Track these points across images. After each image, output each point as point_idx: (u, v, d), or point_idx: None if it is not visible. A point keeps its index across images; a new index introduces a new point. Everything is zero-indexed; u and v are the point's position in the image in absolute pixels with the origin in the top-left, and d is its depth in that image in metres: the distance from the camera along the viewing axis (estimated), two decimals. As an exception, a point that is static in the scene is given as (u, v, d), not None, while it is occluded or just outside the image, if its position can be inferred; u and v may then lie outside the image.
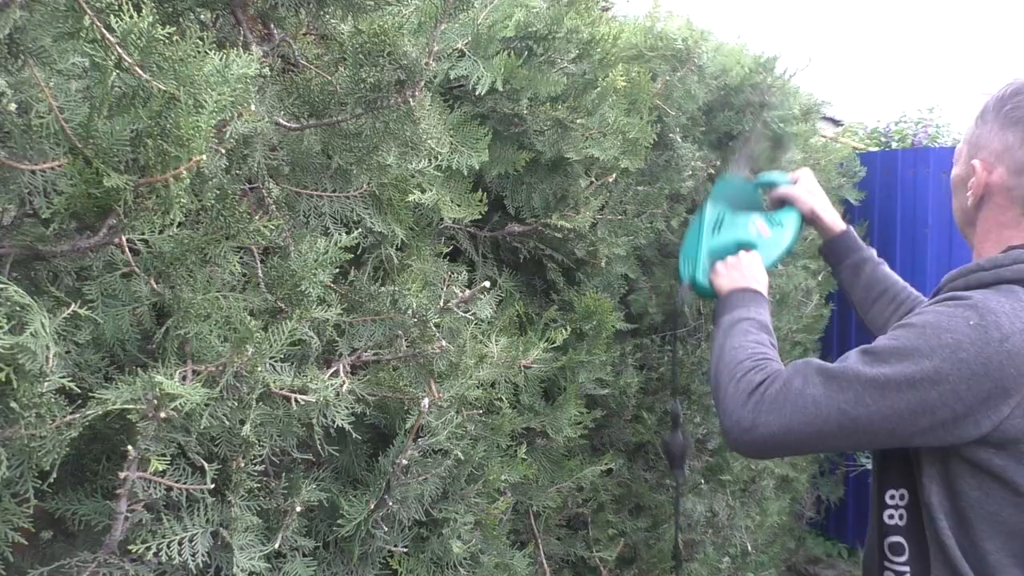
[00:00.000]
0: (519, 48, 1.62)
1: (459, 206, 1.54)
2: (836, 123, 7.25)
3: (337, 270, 1.39)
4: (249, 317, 1.03)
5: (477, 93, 1.47)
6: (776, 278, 3.58)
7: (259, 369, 1.06)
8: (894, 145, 6.61)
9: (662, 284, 2.18)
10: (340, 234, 1.39)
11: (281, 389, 1.14)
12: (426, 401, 1.29)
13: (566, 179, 1.85)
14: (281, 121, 1.31)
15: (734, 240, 1.82)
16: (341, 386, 1.20)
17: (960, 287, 1.23)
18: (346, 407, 1.23)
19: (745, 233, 1.82)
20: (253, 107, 1.01)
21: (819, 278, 4.17)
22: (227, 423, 1.02)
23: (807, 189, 1.85)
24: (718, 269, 1.71)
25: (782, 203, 1.87)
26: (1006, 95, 1.25)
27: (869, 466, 4.30)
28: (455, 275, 1.46)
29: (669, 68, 2.09)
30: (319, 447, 1.20)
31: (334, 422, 1.20)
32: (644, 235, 1.99)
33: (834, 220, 1.83)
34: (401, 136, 1.35)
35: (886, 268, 1.79)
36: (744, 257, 1.71)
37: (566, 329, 1.65)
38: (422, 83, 1.29)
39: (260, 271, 1.20)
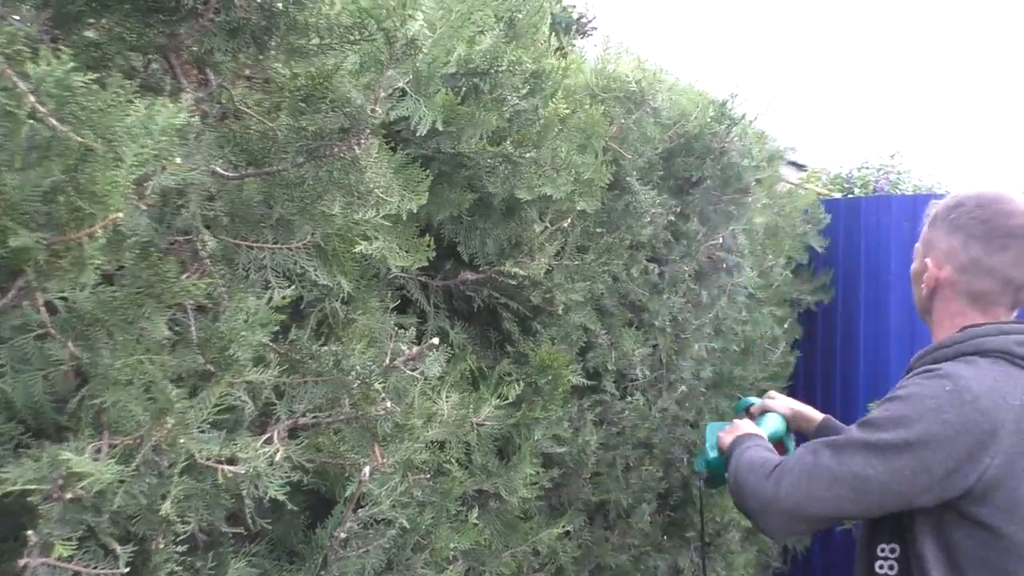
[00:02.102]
0: (464, 85, 1.60)
1: (407, 252, 1.50)
2: (800, 167, 7.40)
3: (277, 327, 1.35)
4: (170, 384, 0.98)
5: (418, 134, 1.44)
6: (741, 325, 3.59)
7: (181, 441, 1.00)
8: (856, 191, 6.74)
9: (622, 339, 2.16)
10: (277, 289, 1.35)
11: (208, 459, 1.08)
12: (367, 469, 1.24)
13: (520, 224, 1.82)
14: (219, 170, 1.27)
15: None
16: (274, 454, 1.14)
17: (929, 362, 1.44)
18: (281, 476, 1.18)
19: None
20: (179, 160, 0.96)
21: (785, 325, 4.19)
22: (144, 500, 0.96)
23: (775, 400, 1.98)
24: (721, 438, 1.80)
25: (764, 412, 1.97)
26: (951, 205, 1.49)
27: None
28: (402, 331, 1.41)
29: (623, 111, 2.08)
30: (250, 520, 1.13)
31: (266, 493, 1.14)
32: (601, 280, 1.96)
33: (811, 413, 1.94)
34: (346, 185, 1.31)
35: None
36: (739, 422, 1.82)
37: (519, 384, 1.61)
38: (367, 130, 1.26)
39: (193, 331, 1.15)
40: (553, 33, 2.26)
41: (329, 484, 1.33)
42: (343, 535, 1.22)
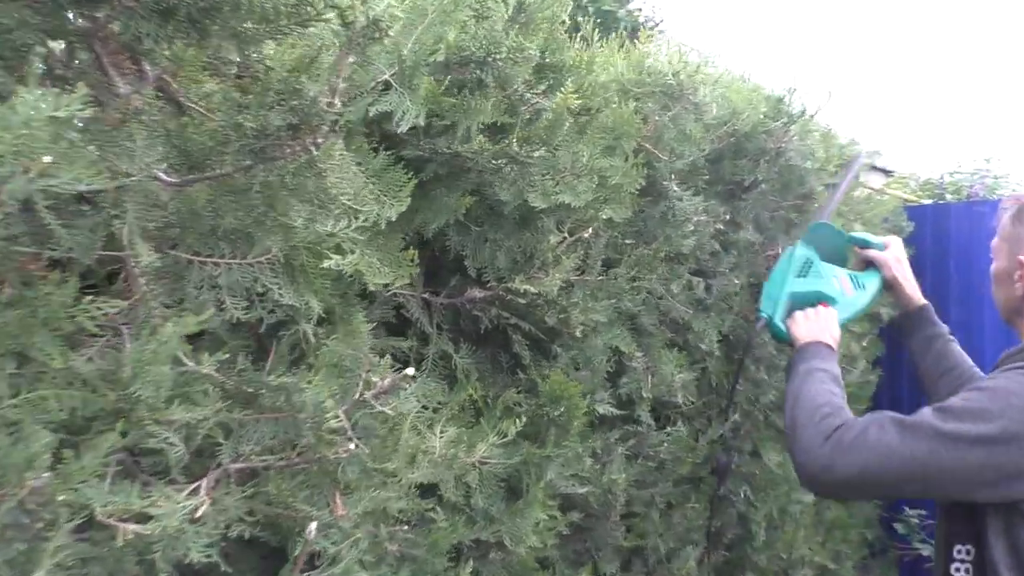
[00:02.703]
0: (466, 77, 1.41)
1: (388, 268, 1.31)
2: (887, 173, 7.00)
3: (226, 355, 1.18)
4: (42, 429, 0.81)
5: (400, 131, 1.26)
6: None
7: (61, 497, 0.83)
8: (948, 197, 6.29)
9: (661, 362, 1.92)
10: (209, 310, 1.18)
11: (111, 516, 0.91)
12: (313, 525, 1.05)
13: (535, 235, 1.62)
14: (161, 175, 1.11)
15: (817, 291, 1.89)
16: (197, 508, 0.96)
17: (1020, 360, 1.39)
18: (209, 533, 1.00)
19: (829, 287, 1.90)
20: (47, 159, 0.80)
21: (864, 343, 3.86)
22: (9, 571, 0.79)
23: (895, 257, 1.94)
24: (797, 317, 1.81)
25: (868, 265, 1.96)
26: None
27: (924, 552, 3.94)
28: (379, 359, 1.23)
29: (659, 107, 1.86)
30: (167, 589, 0.96)
31: (186, 555, 0.97)
32: (630, 297, 1.74)
33: (915, 293, 1.92)
34: (303, 192, 1.13)
35: (957, 346, 1.88)
36: (823, 312, 1.80)
37: (520, 419, 1.40)
38: (324, 127, 1.08)
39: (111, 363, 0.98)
40: (605, 31, 2.06)
41: (282, 538, 1.15)
42: (284, 604, 1.04)
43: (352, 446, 1.14)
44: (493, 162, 1.47)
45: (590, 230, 1.61)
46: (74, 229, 1.07)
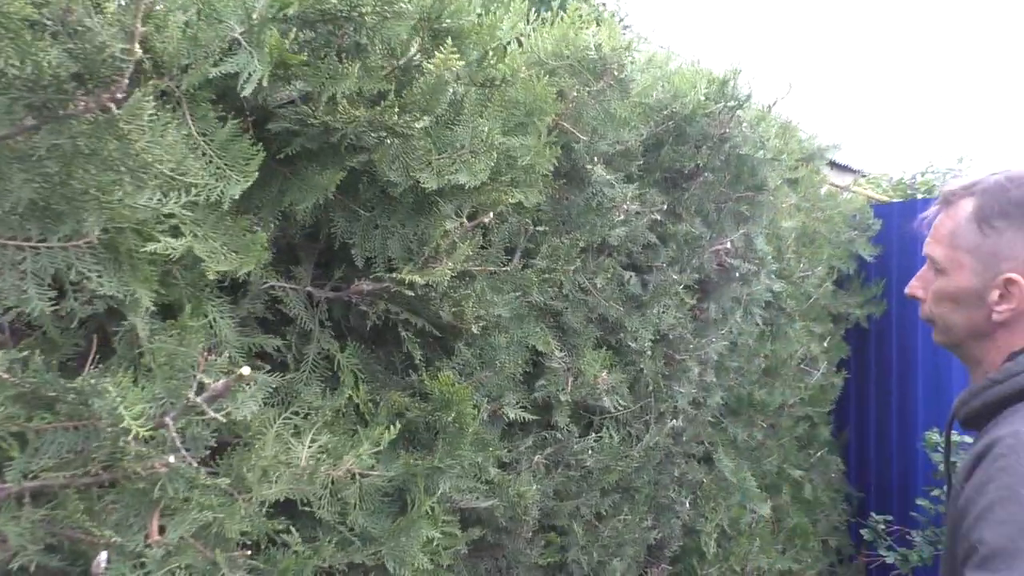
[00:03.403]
0: (339, 41, 1.24)
1: (235, 253, 1.14)
2: (851, 171, 6.90)
3: (23, 352, 1.00)
4: None
5: (243, 94, 1.09)
6: (764, 343, 3.15)
7: None
8: (920, 197, 6.19)
9: (586, 363, 1.75)
10: (37, 300, 1.01)
11: None
12: (103, 556, 0.87)
13: (432, 220, 1.45)
14: (-58, 139, 0.93)
15: None
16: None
17: (980, 411, 1.15)
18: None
19: None
20: None
21: (825, 343, 3.72)
22: None
23: None
24: None
25: None
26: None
27: (889, 559, 3.79)
28: (213, 358, 1.05)
29: (579, 83, 1.69)
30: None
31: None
32: (540, 290, 1.57)
33: None
34: (104, 159, 0.96)
35: None
36: None
37: (395, 426, 1.23)
38: (123, 80, 0.91)
39: None
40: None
41: (85, 566, 0.97)
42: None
43: (172, 459, 0.96)
44: (372, 135, 1.31)
45: (491, 215, 1.44)
46: None
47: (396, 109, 1.27)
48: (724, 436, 2.75)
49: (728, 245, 2.49)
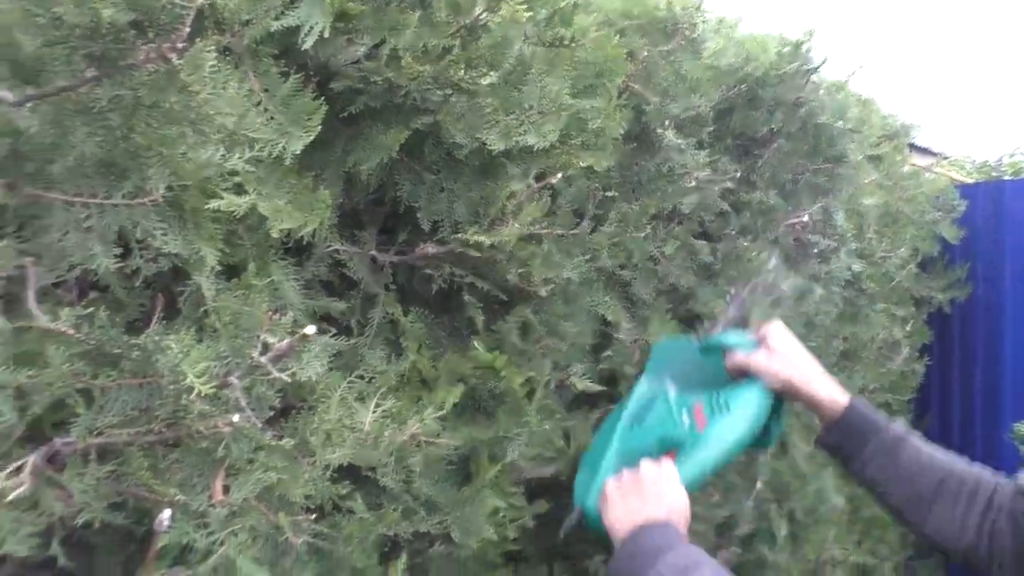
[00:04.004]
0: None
1: (299, 212, 1.12)
2: (932, 153, 6.65)
3: (88, 309, 1.00)
4: None
5: (303, 48, 1.07)
6: (851, 325, 3.04)
7: None
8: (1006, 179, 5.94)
9: (650, 334, 1.70)
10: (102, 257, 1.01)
11: None
12: (166, 514, 0.87)
13: (499, 182, 1.41)
14: (6, 96, 0.93)
15: (656, 437, 1.32)
16: (9, 491, 0.78)
17: None
18: (33, 523, 0.82)
19: (671, 427, 1.31)
20: None
21: (907, 327, 3.58)
22: None
23: (780, 352, 1.32)
24: (607, 493, 1.23)
25: (746, 375, 1.35)
26: None
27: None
28: (277, 318, 1.04)
29: (648, 43, 1.63)
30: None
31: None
32: (611, 254, 1.53)
33: (830, 394, 1.31)
34: (166, 112, 0.94)
35: (926, 445, 1.29)
36: (650, 473, 1.21)
37: (456, 392, 1.20)
38: (184, 29, 0.89)
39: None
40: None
41: (151, 526, 0.96)
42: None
43: (236, 418, 0.95)
44: (437, 92, 1.27)
45: (558, 176, 1.40)
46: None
47: (462, 64, 1.24)
48: (799, 420, 2.66)
49: (806, 218, 2.40)
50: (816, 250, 2.56)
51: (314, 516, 1.06)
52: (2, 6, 0.87)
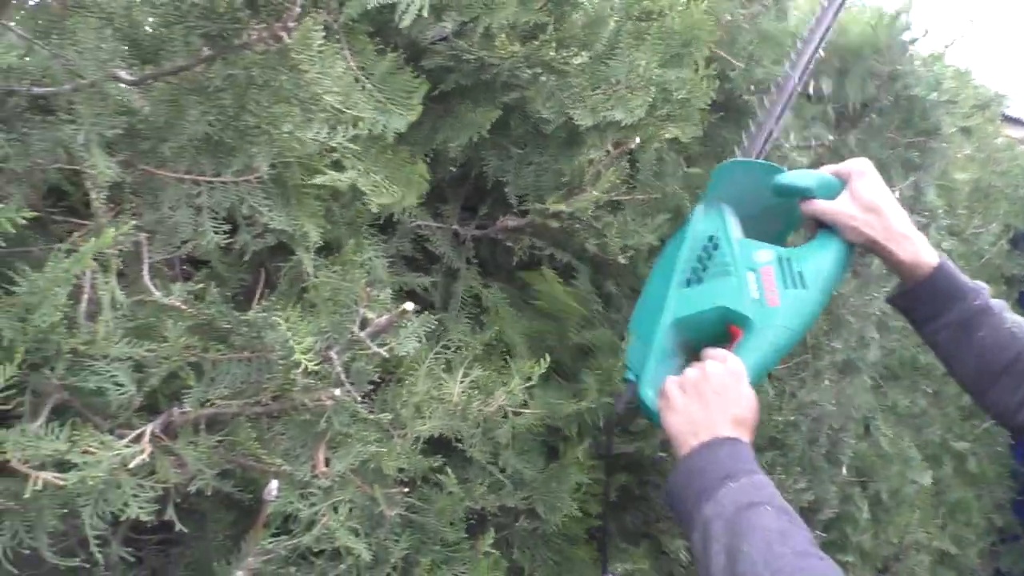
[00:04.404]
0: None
1: (397, 187, 1.14)
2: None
3: (199, 284, 1.04)
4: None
5: (402, 25, 1.08)
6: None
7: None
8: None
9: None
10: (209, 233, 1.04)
11: (26, 462, 0.79)
12: (274, 484, 0.90)
13: (584, 153, 1.41)
14: (122, 75, 0.97)
15: (714, 307, 1.17)
16: (131, 458, 0.82)
17: None
18: (152, 488, 0.87)
19: (736, 295, 1.16)
20: None
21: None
22: None
23: (865, 201, 1.18)
24: (668, 394, 1.14)
25: (819, 226, 1.21)
26: None
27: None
28: (377, 292, 1.06)
29: (731, 5, 1.59)
30: (95, 547, 0.83)
31: (123, 510, 0.84)
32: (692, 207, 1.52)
33: (915, 256, 1.18)
34: (277, 90, 0.97)
35: (1012, 318, 1.20)
36: (716, 374, 1.10)
37: (544, 360, 1.20)
38: (295, 8, 0.91)
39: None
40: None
41: (256, 495, 1.01)
42: (240, 574, 0.89)
43: (337, 392, 0.98)
44: (527, 71, 1.28)
45: (636, 140, 1.38)
46: (24, 135, 0.95)
47: (553, 44, 1.24)
48: (884, 401, 2.61)
49: (896, 195, 2.33)
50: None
51: (407, 489, 1.09)
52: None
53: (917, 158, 2.45)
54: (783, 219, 1.26)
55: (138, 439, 0.88)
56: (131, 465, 0.83)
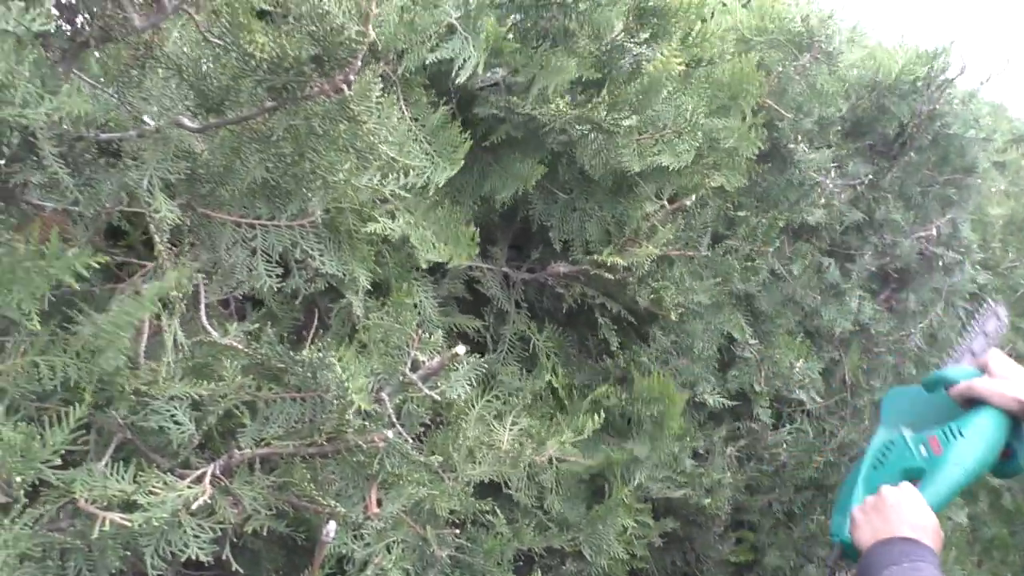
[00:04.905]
0: (546, 25, 1.23)
1: (445, 244, 1.15)
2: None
3: (254, 324, 1.06)
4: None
5: (458, 81, 1.09)
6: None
7: (19, 478, 0.72)
8: None
9: (778, 349, 1.68)
10: (266, 276, 1.06)
11: (93, 502, 0.80)
12: (331, 525, 0.91)
13: (631, 202, 1.42)
14: (185, 122, 0.99)
15: (897, 470, 1.37)
16: (193, 500, 0.84)
17: None
18: (213, 527, 0.88)
19: (910, 458, 1.37)
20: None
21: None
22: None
23: (1004, 376, 1.32)
24: (854, 518, 1.29)
25: (972, 403, 1.36)
26: None
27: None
28: (428, 335, 1.07)
29: (782, 57, 1.60)
30: (156, 589, 0.84)
31: (183, 550, 0.85)
32: (742, 277, 1.51)
33: None
34: (335, 139, 0.99)
35: None
36: (890, 494, 1.26)
37: (599, 415, 1.21)
38: (355, 62, 0.93)
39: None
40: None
41: (310, 534, 1.01)
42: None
43: (389, 434, 0.99)
44: (577, 127, 1.28)
45: (692, 197, 1.39)
46: (92, 179, 0.98)
47: (605, 107, 1.24)
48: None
49: (933, 232, 2.32)
50: (941, 263, 2.48)
51: (458, 531, 1.09)
52: (194, 44, 0.93)
53: (953, 195, 2.44)
54: (950, 414, 1.39)
55: (199, 480, 0.89)
56: (193, 507, 0.84)
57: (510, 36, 1.15)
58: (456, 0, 1.16)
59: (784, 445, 1.75)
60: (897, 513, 1.21)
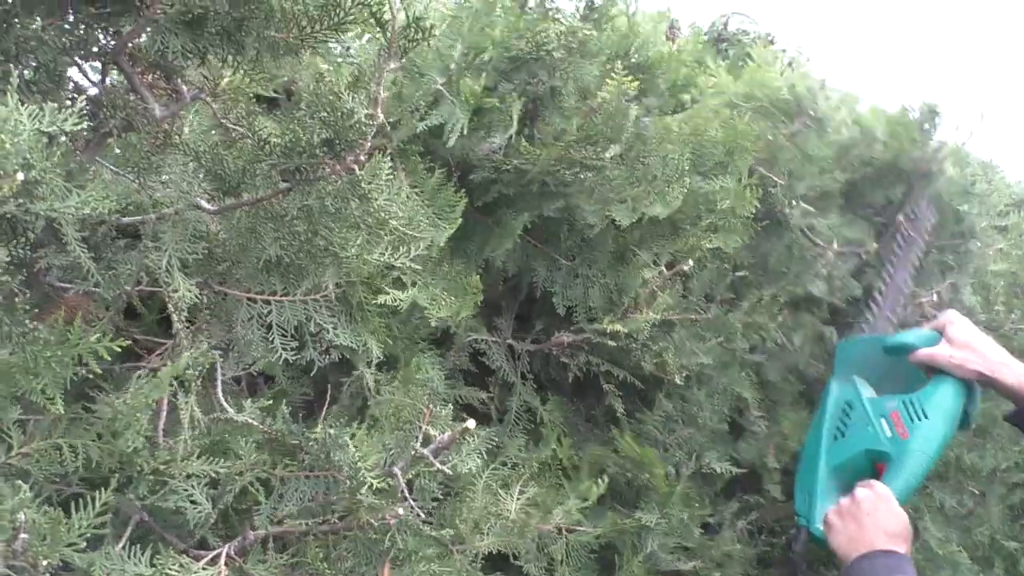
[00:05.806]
0: (532, 88, 1.29)
1: (453, 298, 1.19)
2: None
3: (268, 402, 1.08)
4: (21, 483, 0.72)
5: (448, 144, 1.15)
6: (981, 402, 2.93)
7: (45, 562, 0.73)
8: None
9: (784, 422, 1.70)
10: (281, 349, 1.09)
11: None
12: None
13: (631, 269, 1.46)
14: (203, 204, 1.03)
15: (859, 451, 1.40)
16: (211, 580, 0.85)
17: None
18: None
19: (874, 438, 1.37)
20: (20, 176, 0.72)
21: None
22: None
23: (962, 343, 1.34)
24: (830, 521, 1.32)
25: (933, 371, 1.38)
26: None
27: None
28: (438, 409, 1.09)
29: (771, 124, 1.66)
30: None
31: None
32: (744, 336, 1.54)
33: (1020, 376, 1.31)
34: (347, 217, 1.03)
35: None
36: (865, 500, 1.28)
37: (601, 481, 1.22)
38: (364, 143, 0.97)
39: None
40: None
41: (321, 614, 1.02)
42: None
43: (401, 511, 1.00)
44: (566, 172, 1.32)
45: (690, 262, 1.43)
46: (112, 262, 1.01)
47: (582, 144, 1.28)
48: (931, 502, 2.57)
49: (934, 297, 2.36)
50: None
51: (470, 606, 1.10)
52: (208, 132, 0.97)
53: (952, 260, 2.48)
54: (908, 374, 1.42)
55: (214, 561, 0.90)
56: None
57: (489, 98, 1.21)
58: (440, 67, 1.21)
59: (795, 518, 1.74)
60: (873, 521, 1.24)
